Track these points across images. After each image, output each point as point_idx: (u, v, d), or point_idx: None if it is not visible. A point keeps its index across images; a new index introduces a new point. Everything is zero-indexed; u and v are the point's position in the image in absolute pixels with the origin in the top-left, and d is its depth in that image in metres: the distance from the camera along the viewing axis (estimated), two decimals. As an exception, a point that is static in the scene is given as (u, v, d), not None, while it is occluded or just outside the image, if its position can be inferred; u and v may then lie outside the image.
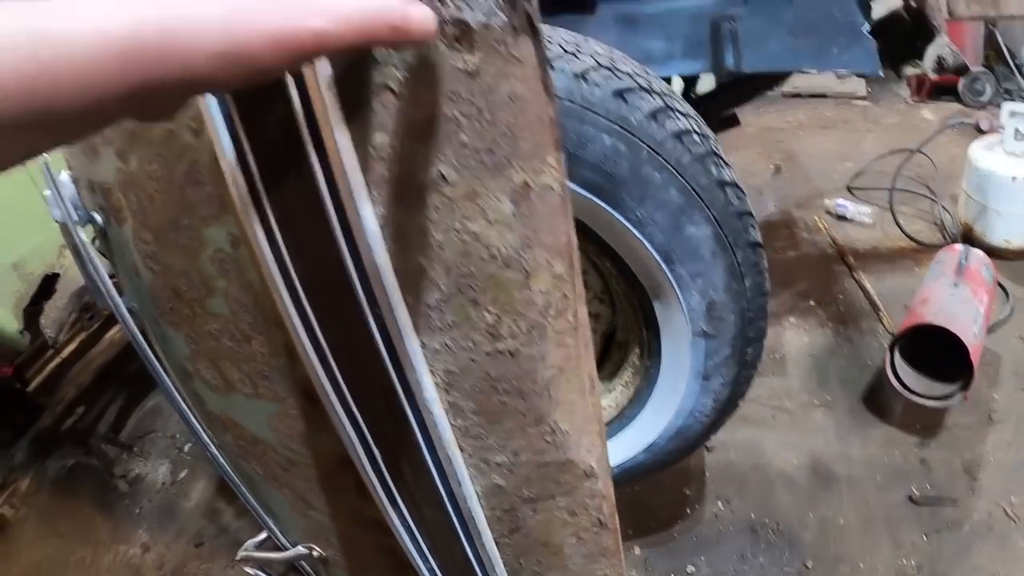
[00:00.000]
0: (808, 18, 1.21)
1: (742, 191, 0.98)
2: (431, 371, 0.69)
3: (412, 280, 0.62)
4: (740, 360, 1.10)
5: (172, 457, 2.24)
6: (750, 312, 1.04)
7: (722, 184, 0.93)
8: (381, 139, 0.55)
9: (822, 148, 3.05)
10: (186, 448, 2.23)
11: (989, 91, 3.22)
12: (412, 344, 0.66)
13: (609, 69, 0.87)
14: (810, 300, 2.16)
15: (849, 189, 2.73)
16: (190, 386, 1.09)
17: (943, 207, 2.43)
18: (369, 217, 0.57)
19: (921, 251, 2.29)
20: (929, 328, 1.64)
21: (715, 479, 1.70)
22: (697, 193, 0.90)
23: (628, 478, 1.32)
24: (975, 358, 1.61)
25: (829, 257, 2.37)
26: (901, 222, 2.36)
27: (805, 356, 1.97)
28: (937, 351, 1.67)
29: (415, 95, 0.52)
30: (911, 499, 1.61)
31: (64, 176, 1.07)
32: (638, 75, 0.91)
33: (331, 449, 0.88)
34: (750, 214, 1.00)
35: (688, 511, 1.65)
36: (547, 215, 0.57)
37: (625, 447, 1.24)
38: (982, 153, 2.21)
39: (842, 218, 2.52)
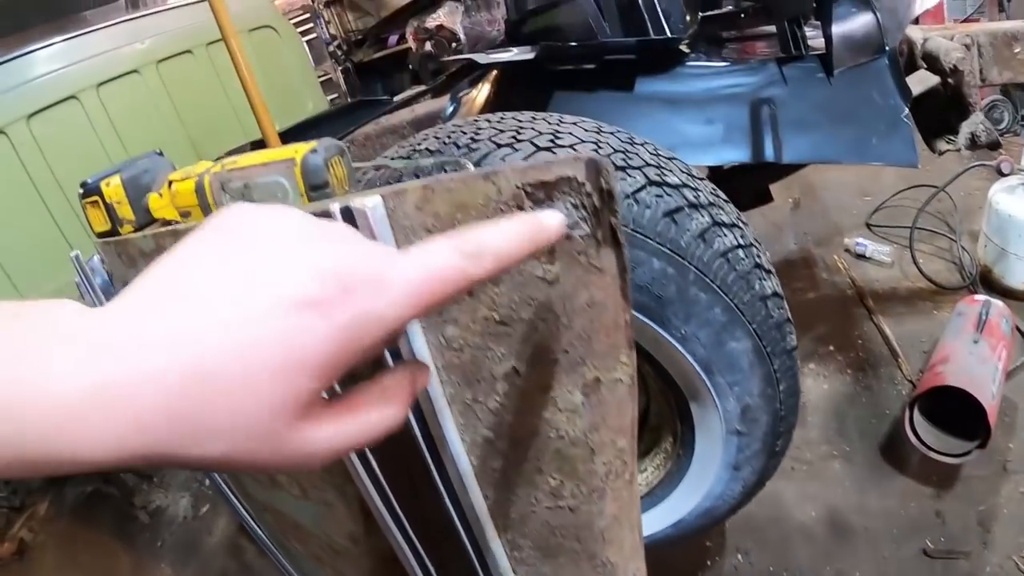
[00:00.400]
0: (847, 100, 1.21)
1: (783, 299, 1.00)
2: (492, 516, 0.71)
3: (478, 446, 0.63)
4: (770, 452, 1.12)
5: (193, 490, 2.26)
6: (782, 411, 1.06)
7: (764, 298, 0.94)
8: (453, 331, 0.56)
9: (840, 181, 3.04)
10: (207, 482, 2.24)
11: (1007, 119, 3.20)
12: (475, 497, 0.67)
13: (659, 185, 0.88)
14: (830, 345, 2.17)
15: (868, 226, 2.73)
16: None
17: (962, 246, 2.42)
18: (436, 392, 0.59)
19: (940, 293, 2.30)
20: (948, 388, 1.66)
21: (734, 531, 1.72)
22: (740, 310, 0.91)
23: (654, 547, 1.34)
24: (992, 418, 1.63)
25: (848, 299, 2.37)
26: (920, 262, 2.36)
27: (824, 404, 1.98)
28: (955, 406, 1.68)
29: (490, 297, 0.53)
30: (925, 552, 1.63)
31: (95, 261, 1.08)
32: (686, 187, 0.91)
33: (379, 548, 0.89)
34: (789, 321, 1.01)
35: (708, 563, 1.67)
36: (615, 403, 0.58)
37: (653, 523, 1.26)
38: (1002, 196, 2.21)
39: (861, 256, 2.52)
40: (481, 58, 1.24)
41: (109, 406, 0.29)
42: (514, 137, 0.88)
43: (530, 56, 1.14)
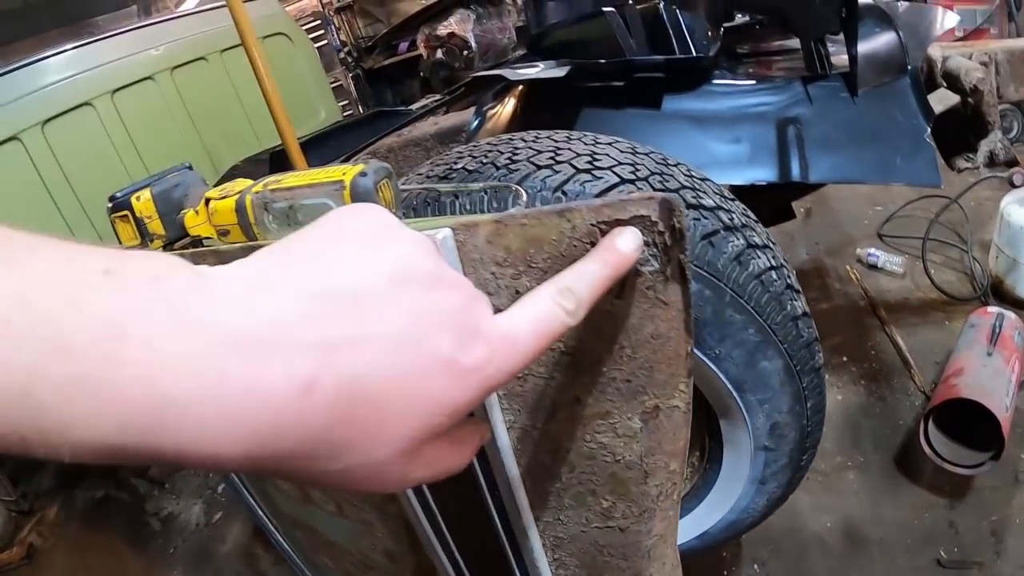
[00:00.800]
0: (871, 120, 1.23)
1: (811, 318, 1.01)
2: (540, 536, 0.72)
3: (535, 471, 0.65)
4: (795, 466, 1.13)
5: (205, 497, 2.25)
6: (809, 427, 1.07)
7: (795, 318, 0.96)
8: (518, 361, 0.57)
9: (851, 190, 3.04)
10: (219, 489, 2.24)
11: (1017, 127, 3.22)
12: (527, 518, 0.68)
13: (696, 208, 0.89)
14: (843, 356, 2.18)
15: (880, 236, 2.74)
16: (260, 485, 1.11)
17: (973, 257, 2.44)
18: (496, 418, 0.60)
19: (952, 304, 2.31)
20: (963, 400, 1.67)
21: (751, 541, 1.73)
22: (772, 330, 0.93)
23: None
24: (1006, 430, 1.64)
25: (861, 309, 2.38)
26: (932, 273, 2.37)
27: (839, 415, 1.99)
28: (969, 417, 1.70)
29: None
30: (939, 563, 1.64)
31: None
32: (721, 209, 0.93)
33: (417, 564, 0.90)
34: (817, 340, 1.02)
35: (725, 573, 1.68)
36: (671, 429, 0.59)
37: (679, 534, 1.27)
38: (1014, 208, 2.22)
39: (873, 267, 2.53)
40: (510, 74, 1.25)
41: (236, 408, 0.26)
42: (552, 158, 0.89)
43: (561, 73, 1.15)
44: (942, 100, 1.40)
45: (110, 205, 0.99)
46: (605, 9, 1.30)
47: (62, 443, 0.24)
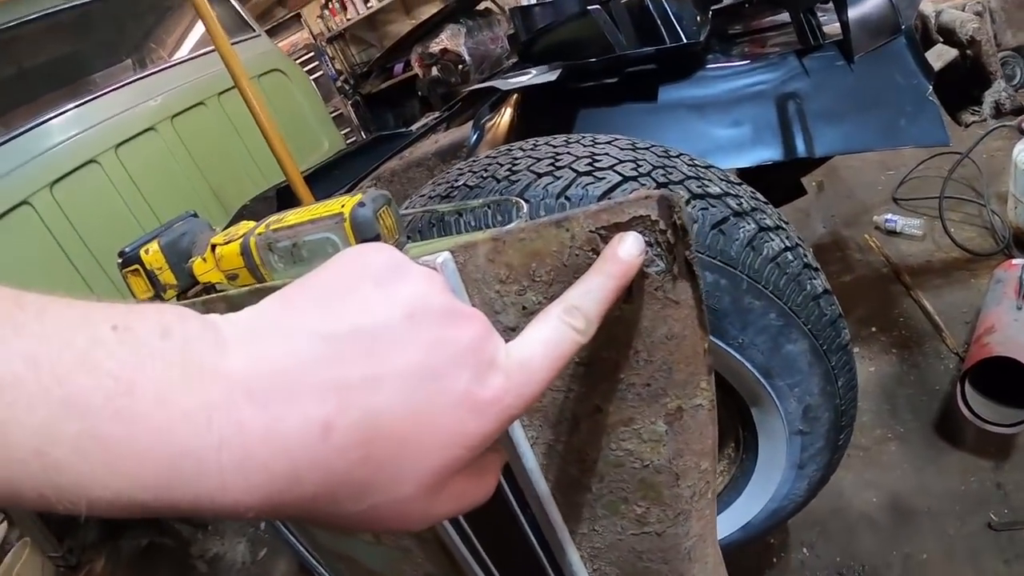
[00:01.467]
0: (871, 85, 1.21)
1: (833, 295, 0.99)
2: (577, 548, 0.71)
3: (564, 485, 0.64)
4: (833, 447, 1.11)
5: (249, 535, 2.26)
6: (842, 406, 1.05)
7: (816, 297, 0.94)
8: (535, 375, 0.56)
9: (862, 158, 3.00)
10: (262, 526, 2.25)
11: (1020, 74, 3.15)
12: (561, 532, 0.68)
13: (702, 198, 0.88)
14: (872, 327, 2.14)
15: (895, 200, 2.70)
16: (296, 521, 1.11)
17: (992, 211, 2.39)
18: (518, 436, 0.59)
19: (975, 260, 2.26)
20: (998, 358, 1.64)
21: (797, 525, 1.70)
22: (794, 312, 0.91)
23: (722, 551, 1.33)
24: (1044, 384, 1.61)
25: (884, 277, 2.34)
26: (952, 231, 2.33)
27: (874, 387, 1.96)
28: (1005, 375, 1.66)
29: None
30: (990, 526, 1.60)
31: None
32: (728, 195, 0.91)
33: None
34: (841, 316, 1.00)
35: (774, 560, 1.66)
36: (697, 428, 0.58)
37: (721, 528, 1.25)
38: (1027, 157, 2.18)
39: (892, 232, 2.48)
40: (502, 84, 1.24)
41: (253, 457, 0.26)
42: (552, 164, 0.89)
43: (552, 78, 1.14)
44: (940, 56, 1.37)
45: (120, 261, 1.00)
46: (590, 8, 1.29)
47: (79, 499, 0.24)
